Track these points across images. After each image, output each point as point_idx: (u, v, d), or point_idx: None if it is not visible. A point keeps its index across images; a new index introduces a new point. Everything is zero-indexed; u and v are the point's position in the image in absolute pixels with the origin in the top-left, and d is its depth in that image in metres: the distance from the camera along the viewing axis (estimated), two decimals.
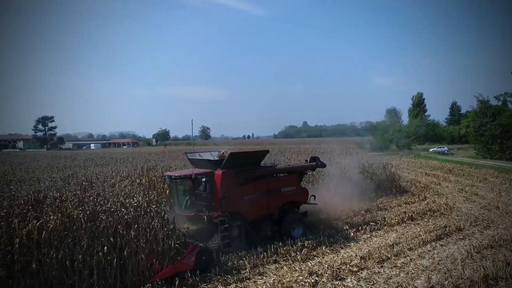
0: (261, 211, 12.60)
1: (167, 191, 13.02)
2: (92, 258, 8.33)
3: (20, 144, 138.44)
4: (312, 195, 14.46)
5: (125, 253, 8.75)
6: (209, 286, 9.21)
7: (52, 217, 8.43)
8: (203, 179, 11.21)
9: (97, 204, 10.02)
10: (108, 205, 9.86)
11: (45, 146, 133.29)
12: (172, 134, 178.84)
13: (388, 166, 25.06)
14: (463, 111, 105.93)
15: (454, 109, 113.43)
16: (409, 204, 18.83)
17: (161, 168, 23.16)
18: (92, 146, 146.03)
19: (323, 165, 15.74)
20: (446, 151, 64.59)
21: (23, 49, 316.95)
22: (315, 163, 15.21)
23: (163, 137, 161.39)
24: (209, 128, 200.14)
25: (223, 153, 12.98)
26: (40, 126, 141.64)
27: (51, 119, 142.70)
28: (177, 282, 8.87)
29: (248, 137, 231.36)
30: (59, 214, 8.63)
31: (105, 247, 8.46)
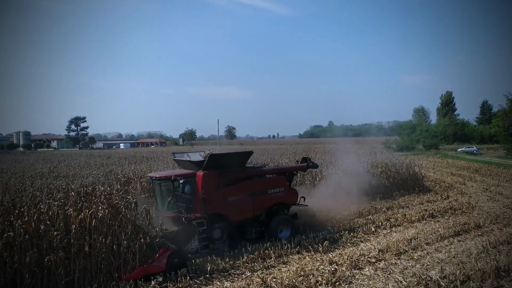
0: (246, 212, 12.47)
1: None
2: (135, 244, 9.45)
3: (54, 144, 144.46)
4: (302, 197, 14.36)
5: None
6: (237, 272, 10.15)
7: (101, 207, 9.60)
8: (181, 181, 11.02)
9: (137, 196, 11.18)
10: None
11: (77, 145, 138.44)
12: (198, 134, 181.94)
13: (412, 166, 25.34)
14: (494, 110, 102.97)
15: (485, 108, 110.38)
16: (431, 203, 19.20)
17: None
18: (122, 145, 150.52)
19: (315, 166, 15.45)
20: (475, 151, 63.30)
21: (57, 52, 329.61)
22: (305, 164, 14.87)
23: (189, 136, 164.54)
24: (234, 128, 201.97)
25: (208, 154, 12.62)
26: (73, 126, 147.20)
27: (83, 119, 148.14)
28: (208, 268, 9.86)
29: (273, 136, 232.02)
30: (107, 205, 9.80)
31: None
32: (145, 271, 9.41)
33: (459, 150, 66.64)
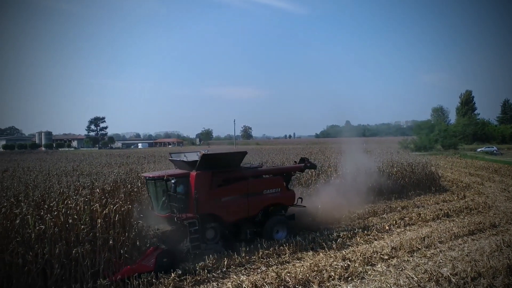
0: (240, 213, 12.38)
1: None
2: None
3: (75, 144, 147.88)
4: (300, 198, 14.29)
5: None
6: (253, 266, 10.54)
7: (125, 203, 10.15)
8: (172, 181, 11.00)
9: None
10: None
11: (97, 145, 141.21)
12: (214, 134, 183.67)
13: (428, 165, 25.28)
14: None
15: (506, 107, 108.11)
16: (447, 202, 19.20)
17: None
18: (140, 145, 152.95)
19: (313, 167, 15.29)
20: (495, 151, 62.14)
21: (78, 55, 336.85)
22: (303, 164, 14.73)
23: (206, 136, 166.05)
24: (250, 128, 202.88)
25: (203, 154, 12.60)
26: (92, 127, 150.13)
27: (102, 119, 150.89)
28: (225, 262, 10.27)
29: (290, 136, 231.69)
30: (130, 201, 10.35)
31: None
32: (133, 270, 9.38)
33: (479, 150, 65.51)
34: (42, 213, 9.62)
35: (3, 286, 8.21)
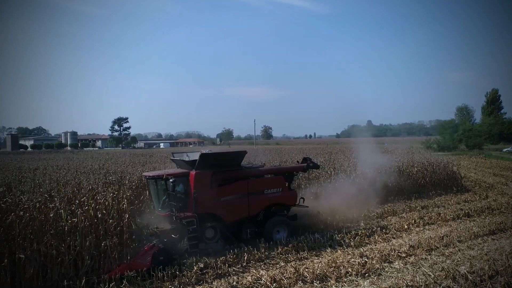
0: (241, 213, 12.41)
1: None
2: None
3: (99, 143, 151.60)
4: (302, 198, 14.24)
5: None
6: (272, 262, 10.88)
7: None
8: (171, 180, 11.10)
9: None
10: None
11: (120, 145, 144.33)
12: (235, 134, 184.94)
13: (449, 165, 25.00)
14: None
15: None
16: (468, 202, 19.01)
17: None
18: (161, 145, 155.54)
19: (316, 166, 15.09)
20: None
21: (102, 57, 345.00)
22: (305, 164, 14.52)
23: (226, 136, 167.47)
24: (271, 128, 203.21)
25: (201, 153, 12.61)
26: (116, 127, 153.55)
27: (125, 120, 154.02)
28: (245, 257, 10.64)
29: (310, 136, 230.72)
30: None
31: None
32: (129, 267, 9.55)
33: (505, 150, 63.73)
34: (73, 208, 10.23)
35: (39, 275, 8.82)
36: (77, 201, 10.63)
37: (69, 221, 9.47)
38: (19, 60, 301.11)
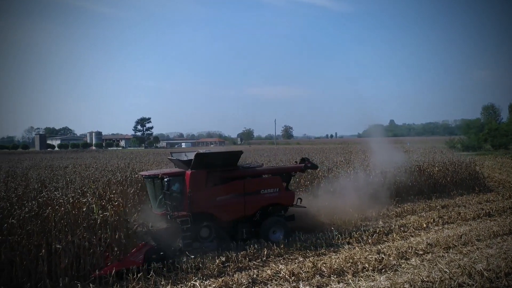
0: (236, 212, 12.44)
1: None
2: None
3: (122, 143, 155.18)
4: (299, 198, 14.22)
5: None
6: (291, 257, 11.27)
7: None
8: (165, 179, 11.26)
9: None
10: None
11: (143, 144, 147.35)
12: (255, 134, 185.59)
13: (472, 165, 24.74)
14: None
15: None
16: (490, 202, 18.86)
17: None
18: (183, 144, 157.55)
19: (314, 167, 15.02)
20: None
21: (125, 58, 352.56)
22: (303, 164, 14.48)
23: (247, 136, 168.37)
24: (291, 128, 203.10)
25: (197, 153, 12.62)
26: (139, 127, 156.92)
27: (148, 120, 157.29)
28: (265, 252, 11.07)
29: (331, 136, 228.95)
30: None
31: None
32: (121, 265, 9.62)
33: None
34: (103, 203, 10.91)
35: (73, 265, 9.50)
36: (107, 197, 11.31)
37: (101, 215, 10.12)
38: (47, 64, 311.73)
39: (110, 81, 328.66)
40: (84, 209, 10.17)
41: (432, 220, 15.11)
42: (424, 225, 14.48)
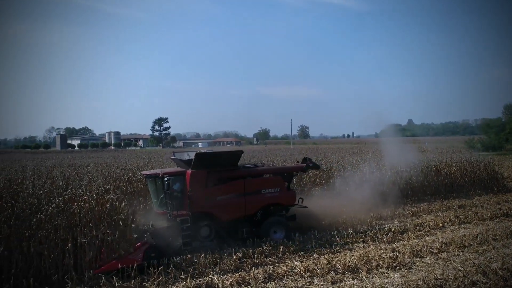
0: (237, 212, 12.47)
1: None
2: None
3: (140, 143, 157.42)
4: (300, 198, 14.11)
5: None
6: (306, 254, 11.51)
7: None
8: (166, 179, 11.36)
9: None
10: None
11: (160, 144, 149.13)
12: (271, 133, 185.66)
13: (490, 165, 24.43)
14: None
15: None
16: (509, 202, 18.64)
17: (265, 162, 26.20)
18: (200, 144, 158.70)
19: (316, 167, 14.96)
20: None
21: (144, 60, 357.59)
22: (305, 164, 14.43)
23: (263, 136, 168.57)
24: (307, 127, 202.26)
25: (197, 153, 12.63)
26: (156, 127, 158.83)
27: (165, 120, 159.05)
28: (281, 249, 11.34)
29: (348, 136, 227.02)
30: None
31: None
32: (120, 263, 9.67)
33: None
34: (125, 200, 11.38)
35: (97, 258, 9.97)
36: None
37: (125, 211, 10.58)
38: (67, 65, 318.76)
39: (129, 82, 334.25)
40: (108, 206, 10.63)
41: (448, 219, 15.09)
42: (440, 224, 14.48)
